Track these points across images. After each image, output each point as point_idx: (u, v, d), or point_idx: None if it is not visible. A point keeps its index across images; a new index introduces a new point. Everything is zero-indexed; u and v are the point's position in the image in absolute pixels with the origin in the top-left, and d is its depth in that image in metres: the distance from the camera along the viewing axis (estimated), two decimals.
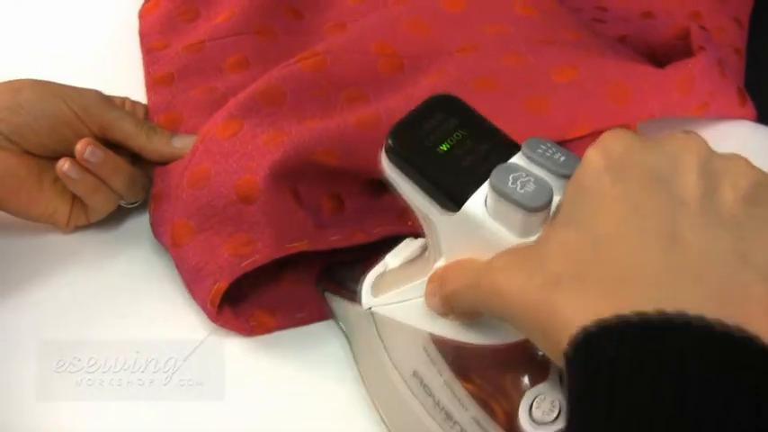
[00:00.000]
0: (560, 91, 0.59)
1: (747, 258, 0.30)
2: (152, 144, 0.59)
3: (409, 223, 0.54)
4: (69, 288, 0.56)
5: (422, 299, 0.41)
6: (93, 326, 0.54)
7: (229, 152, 0.55)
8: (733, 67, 0.71)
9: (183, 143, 0.59)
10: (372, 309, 0.47)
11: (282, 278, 0.56)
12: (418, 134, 0.39)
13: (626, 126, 0.60)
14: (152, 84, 0.66)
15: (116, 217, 0.60)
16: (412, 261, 0.46)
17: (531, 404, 0.40)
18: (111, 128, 0.58)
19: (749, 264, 0.30)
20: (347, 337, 0.53)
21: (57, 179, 0.57)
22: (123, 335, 0.53)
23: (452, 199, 0.37)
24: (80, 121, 0.56)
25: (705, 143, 0.34)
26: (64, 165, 0.54)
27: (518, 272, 0.33)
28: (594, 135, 0.58)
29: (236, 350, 0.52)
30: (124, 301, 0.55)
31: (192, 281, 0.53)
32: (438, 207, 0.38)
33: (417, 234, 0.52)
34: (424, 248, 0.45)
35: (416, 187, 0.39)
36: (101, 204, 0.58)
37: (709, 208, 0.32)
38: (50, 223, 0.59)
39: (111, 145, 0.60)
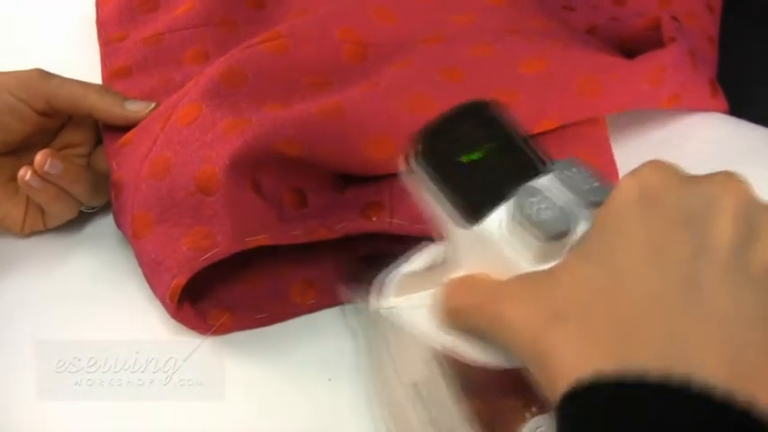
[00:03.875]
0: (528, 84, 0.58)
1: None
2: (104, 102, 0.57)
3: (374, 219, 0.54)
4: (63, 287, 0.56)
5: (432, 308, 0.39)
6: (92, 325, 0.54)
7: (189, 141, 0.53)
8: (705, 56, 0.70)
9: (136, 107, 0.58)
10: (383, 310, 0.45)
11: (243, 277, 0.55)
12: (447, 140, 0.37)
13: (594, 118, 0.59)
14: (109, 77, 0.65)
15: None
16: (433, 267, 0.44)
17: None
18: (57, 95, 0.56)
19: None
20: (359, 331, 0.52)
21: (6, 181, 0.56)
22: (123, 335, 0.53)
23: (471, 213, 0.36)
24: (24, 103, 0.55)
25: (748, 187, 0.32)
26: (26, 174, 0.53)
27: (526, 303, 0.32)
28: (562, 129, 0.58)
29: (236, 350, 0.52)
30: (122, 301, 0.55)
31: (152, 275, 0.52)
32: (456, 218, 0.37)
33: (383, 232, 0.52)
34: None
35: (438, 195, 0.37)
36: (62, 212, 0.57)
37: (739, 262, 0.29)
38: (3, 228, 0.57)
39: (67, 146, 0.60)
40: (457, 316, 0.37)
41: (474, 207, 0.36)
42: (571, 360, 0.29)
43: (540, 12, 0.67)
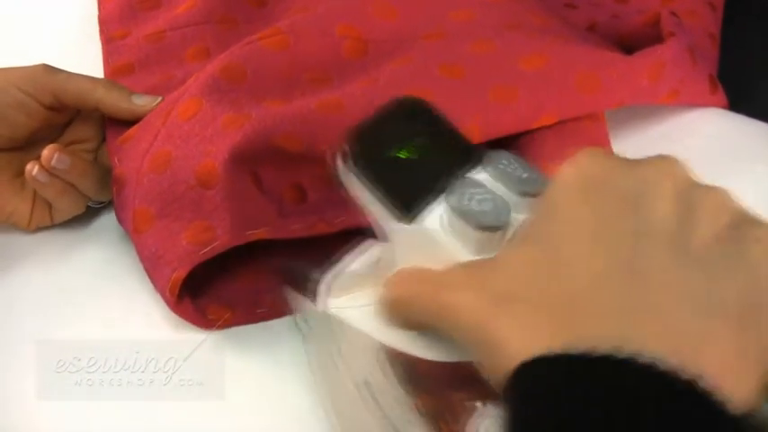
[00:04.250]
0: (527, 80, 0.58)
1: (713, 299, 0.29)
2: (110, 97, 0.57)
3: None
4: (68, 282, 0.56)
5: (376, 306, 0.39)
6: (95, 322, 0.54)
7: (189, 135, 0.54)
8: (706, 53, 0.70)
9: (143, 101, 0.58)
10: (329, 310, 0.45)
11: (241, 273, 0.55)
12: (378, 139, 0.37)
13: (593, 114, 0.60)
14: (111, 74, 0.66)
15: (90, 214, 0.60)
16: (372, 264, 0.44)
17: (479, 427, 0.38)
18: (64, 89, 0.56)
19: (714, 305, 0.28)
20: (303, 335, 0.51)
21: (14, 176, 0.56)
22: (126, 331, 0.53)
23: (408, 210, 0.36)
24: (30, 97, 0.55)
25: (685, 169, 0.32)
26: (33, 169, 0.53)
27: (470, 289, 0.32)
28: (562, 124, 0.58)
29: (236, 350, 0.52)
30: (126, 296, 0.55)
31: (152, 269, 0.52)
32: (393, 216, 0.37)
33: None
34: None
35: (372, 194, 0.37)
36: (69, 207, 0.57)
37: (680, 240, 0.30)
38: (10, 224, 0.58)
39: (75, 141, 0.60)
40: (400, 308, 0.37)
41: (410, 203, 0.36)
42: (518, 342, 0.29)
43: (540, 8, 0.67)
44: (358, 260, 0.45)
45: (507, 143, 0.58)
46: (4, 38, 0.75)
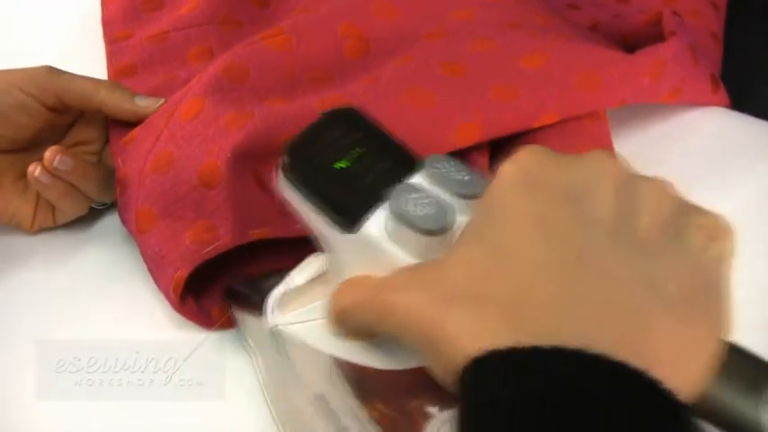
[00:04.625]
0: (528, 78, 0.58)
1: (656, 288, 0.29)
2: (113, 98, 0.58)
3: None
4: (71, 283, 0.56)
5: (324, 320, 0.38)
6: (98, 322, 0.54)
7: (192, 136, 0.54)
8: (709, 52, 0.71)
9: (146, 102, 0.58)
10: (277, 326, 0.44)
11: (244, 272, 0.54)
12: (315, 150, 0.37)
13: (595, 113, 0.60)
14: (114, 74, 0.66)
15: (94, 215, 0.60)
16: (317, 278, 0.44)
17: None
18: (67, 90, 0.56)
19: (658, 294, 0.29)
20: (253, 353, 0.51)
21: (17, 178, 0.56)
22: (123, 335, 0.53)
23: (350, 219, 0.36)
24: (33, 99, 0.55)
25: (624, 163, 0.33)
26: (35, 170, 0.53)
27: (414, 288, 0.32)
28: (563, 123, 0.58)
29: (236, 350, 0.52)
30: (129, 296, 0.55)
31: (156, 269, 0.52)
32: (336, 227, 0.36)
33: None
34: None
35: (313, 206, 0.37)
36: (72, 208, 0.57)
37: (622, 231, 0.30)
38: (13, 225, 0.58)
39: (78, 143, 0.60)
40: (346, 317, 0.36)
41: (352, 212, 0.36)
42: (467, 338, 0.28)
43: (542, 8, 0.67)
44: (303, 274, 0.44)
45: (509, 143, 0.58)
46: (5, 38, 0.75)
